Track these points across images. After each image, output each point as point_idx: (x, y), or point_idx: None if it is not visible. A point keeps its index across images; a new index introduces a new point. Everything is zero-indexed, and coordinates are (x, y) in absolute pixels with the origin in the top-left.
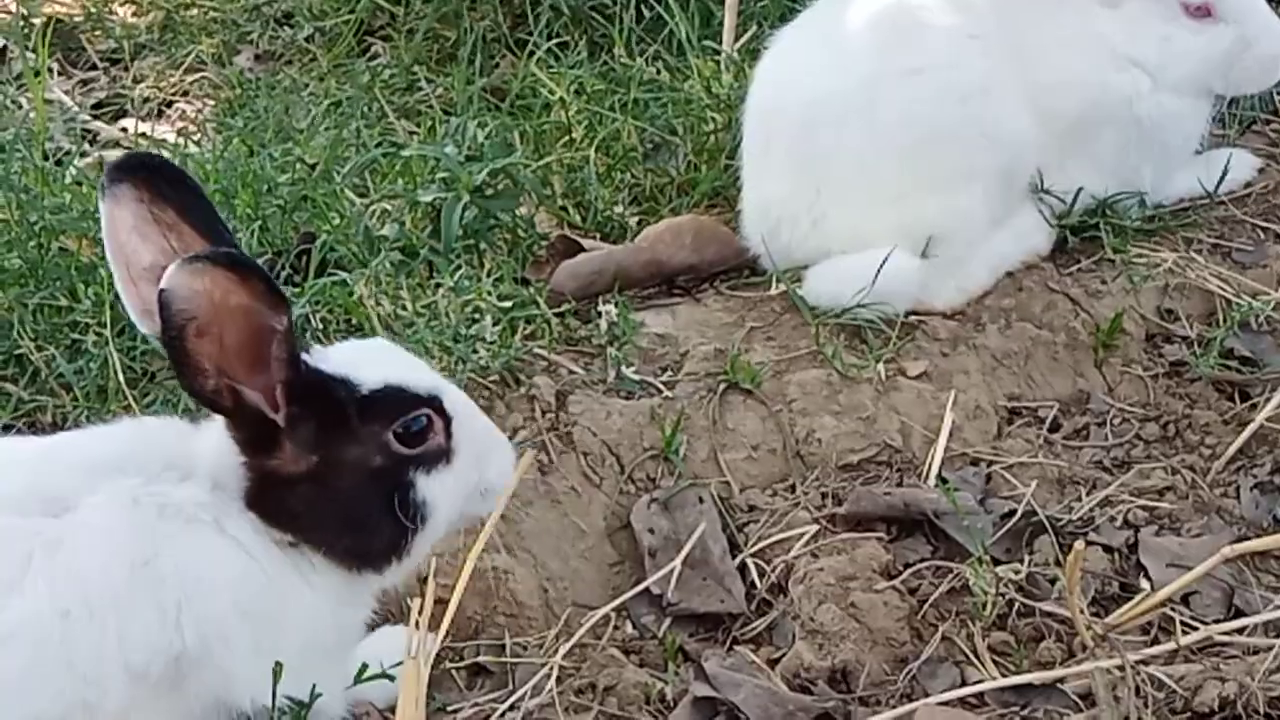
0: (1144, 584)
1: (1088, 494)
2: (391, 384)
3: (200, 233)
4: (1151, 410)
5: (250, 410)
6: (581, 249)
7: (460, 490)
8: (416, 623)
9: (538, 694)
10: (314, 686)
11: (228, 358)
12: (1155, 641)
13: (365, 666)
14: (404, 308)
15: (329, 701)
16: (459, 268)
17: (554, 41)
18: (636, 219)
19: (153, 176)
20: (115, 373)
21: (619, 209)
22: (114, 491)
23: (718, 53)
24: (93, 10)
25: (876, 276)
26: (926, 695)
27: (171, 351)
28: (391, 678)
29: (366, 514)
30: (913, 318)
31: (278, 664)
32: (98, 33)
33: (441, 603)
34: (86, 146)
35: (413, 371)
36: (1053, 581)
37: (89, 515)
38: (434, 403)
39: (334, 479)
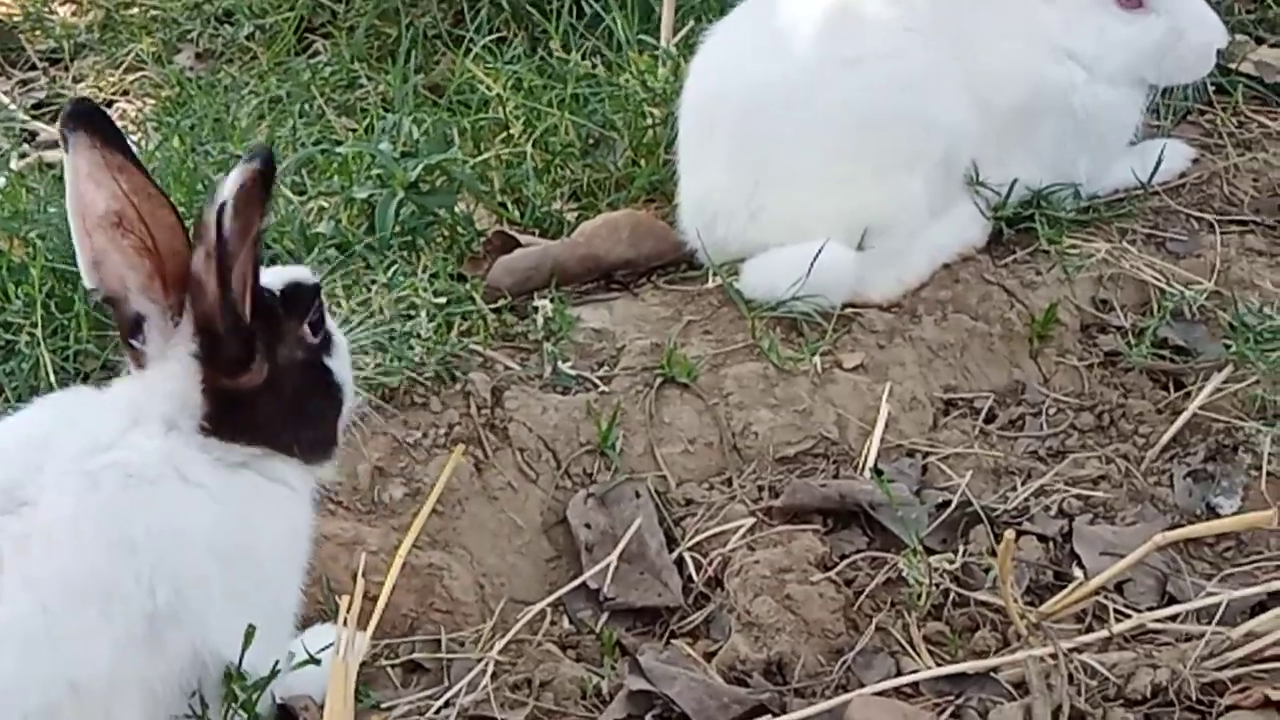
0: (1078, 573)
1: (1023, 484)
2: (290, 282)
3: (145, 175)
4: (1086, 400)
5: (235, 327)
6: (518, 244)
7: (348, 363)
8: (345, 620)
9: (473, 690)
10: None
11: (242, 269)
12: (1089, 630)
13: (292, 655)
14: (339, 304)
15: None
16: (394, 264)
17: (492, 37)
18: (575, 214)
19: (101, 122)
20: (47, 373)
21: (557, 205)
22: (68, 472)
23: (655, 48)
24: (31, 10)
25: (811, 268)
26: (862, 686)
27: (222, 258)
28: (318, 662)
29: (312, 405)
30: (849, 310)
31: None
32: (37, 32)
33: (372, 599)
34: (25, 147)
35: (292, 269)
36: (988, 571)
37: (53, 509)
38: (319, 290)
39: (283, 382)
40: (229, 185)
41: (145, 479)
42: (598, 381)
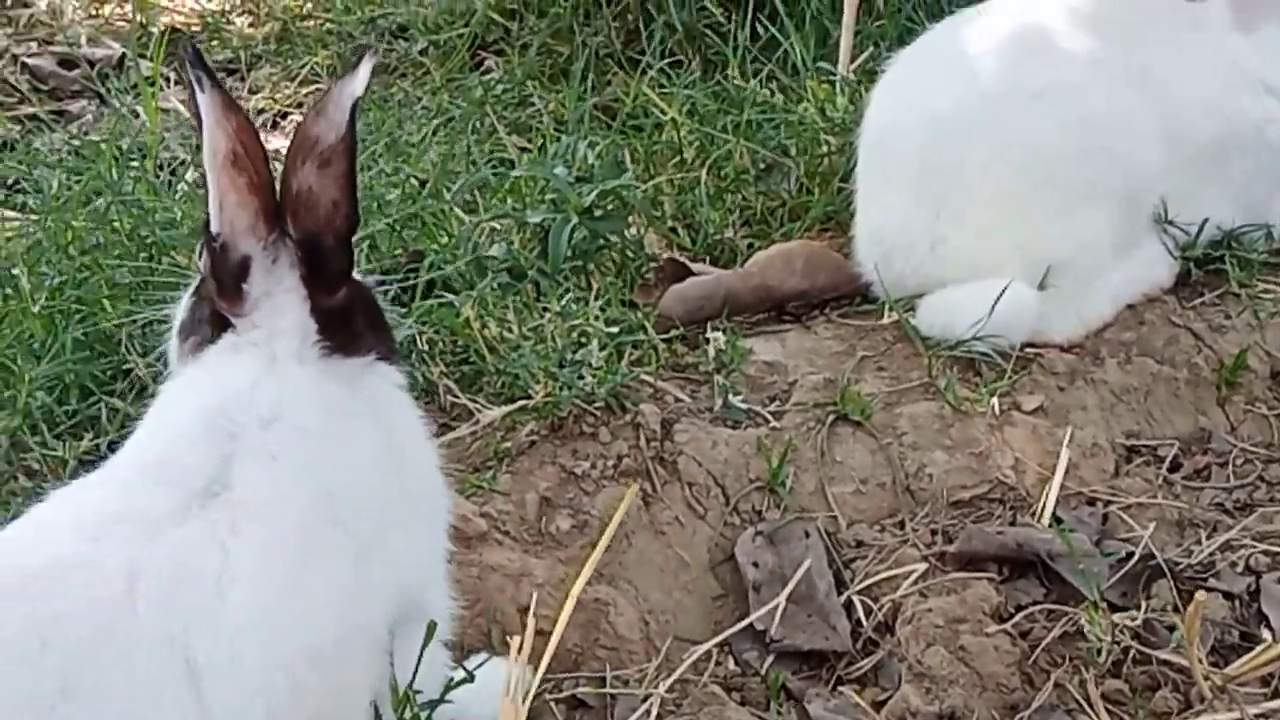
0: (1266, 634)
1: (1208, 537)
2: None
3: (244, 113)
4: (1276, 451)
5: (346, 236)
6: (690, 273)
7: None
8: (516, 658)
9: None
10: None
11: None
12: (1276, 694)
13: (452, 680)
14: (510, 330)
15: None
16: (567, 291)
17: (666, 60)
18: (747, 242)
19: (207, 66)
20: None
21: (729, 232)
22: (247, 451)
23: (833, 74)
24: (210, 20)
25: (994, 308)
26: None
27: (347, 161)
28: (473, 677)
29: (377, 308)
30: (1029, 350)
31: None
32: (215, 43)
33: (541, 634)
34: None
35: None
36: (1171, 629)
37: (249, 488)
38: None
39: (361, 295)
40: (360, 83)
41: (320, 428)
42: (769, 416)
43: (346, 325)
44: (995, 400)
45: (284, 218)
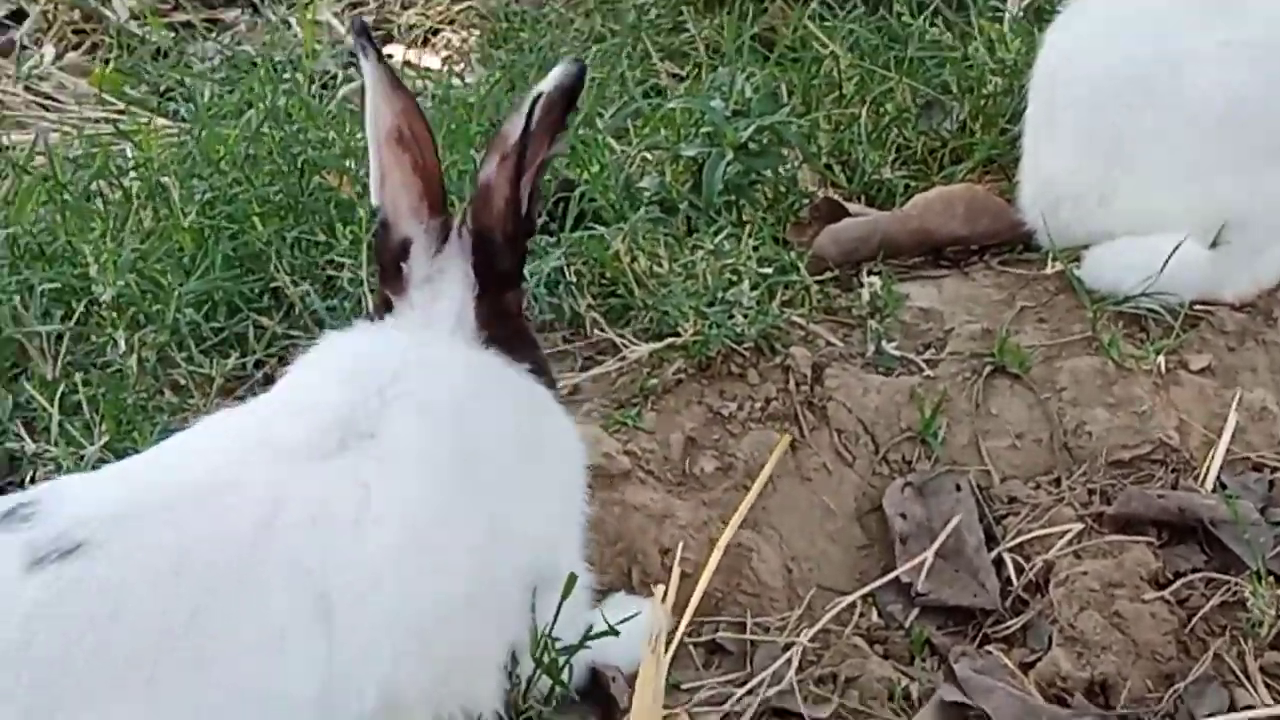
0: None
1: None
2: None
3: (410, 95)
4: None
5: (513, 239)
6: (846, 213)
7: None
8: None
9: (777, 681)
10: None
11: (527, 185)
12: None
13: (591, 627)
14: (660, 265)
15: None
16: (721, 228)
17: None
18: (905, 183)
19: (376, 43)
20: (369, 313)
21: (887, 171)
22: (399, 401)
23: (1001, 12)
24: None
25: (1165, 264)
26: (1192, 717)
27: (521, 157)
28: (617, 633)
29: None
30: (1198, 308)
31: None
32: None
33: (683, 578)
34: (352, 72)
35: None
36: None
37: (399, 439)
38: None
39: (521, 303)
40: (546, 82)
41: (465, 394)
42: (923, 365)
43: (508, 329)
44: (1161, 358)
45: (465, 208)
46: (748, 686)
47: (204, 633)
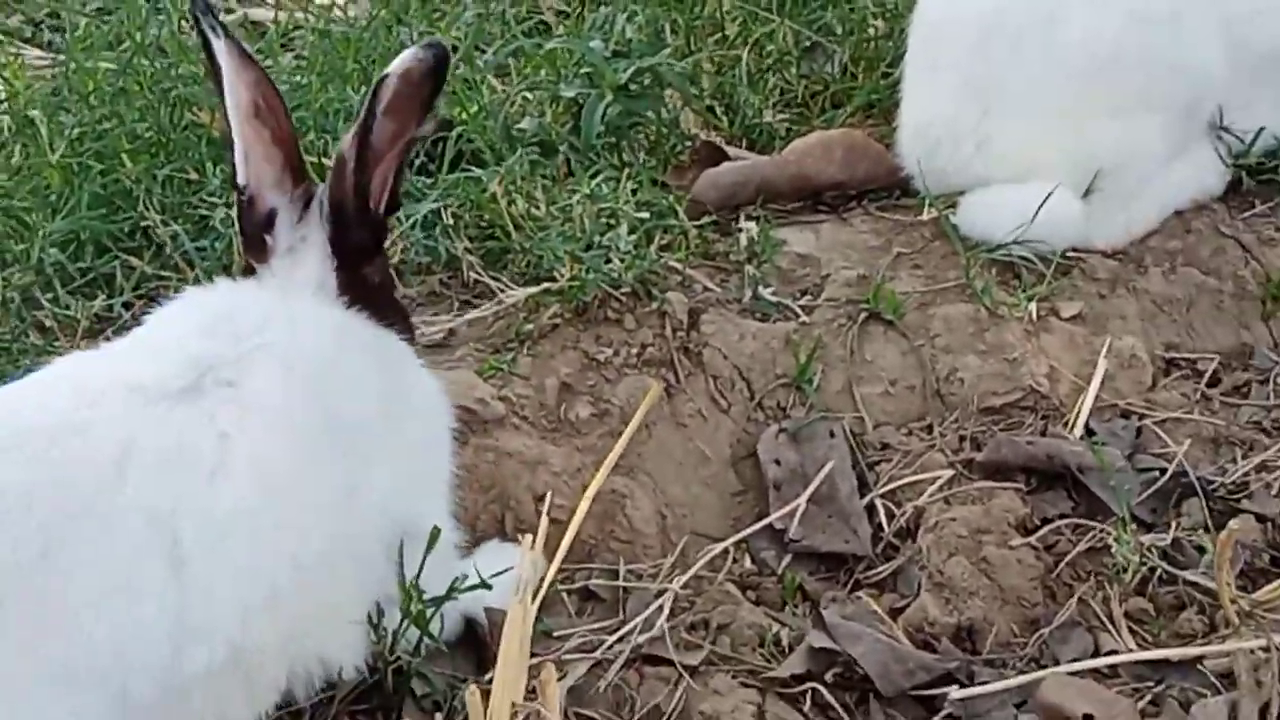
0: None
1: (1243, 456)
2: None
3: (260, 67)
4: None
5: (364, 213)
6: (726, 157)
7: None
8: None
9: (649, 628)
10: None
11: (386, 166)
12: None
13: (465, 577)
14: (538, 208)
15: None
16: (600, 171)
17: None
18: (785, 126)
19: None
20: (239, 252)
21: (768, 115)
22: (261, 353)
23: None
24: None
25: (1038, 212)
26: (1056, 661)
27: (366, 134)
28: (489, 586)
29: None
30: (1070, 255)
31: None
32: None
33: (555, 524)
34: (232, 3)
35: None
36: (1200, 549)
37: (261, 391)
38: None
39: (385, 267)
40: (396, 64)
41: (327, 351)
42: (799, 310)
43: (372, 295)
44: (1033, 306)
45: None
46: (619, 634)
47: (53, 572)
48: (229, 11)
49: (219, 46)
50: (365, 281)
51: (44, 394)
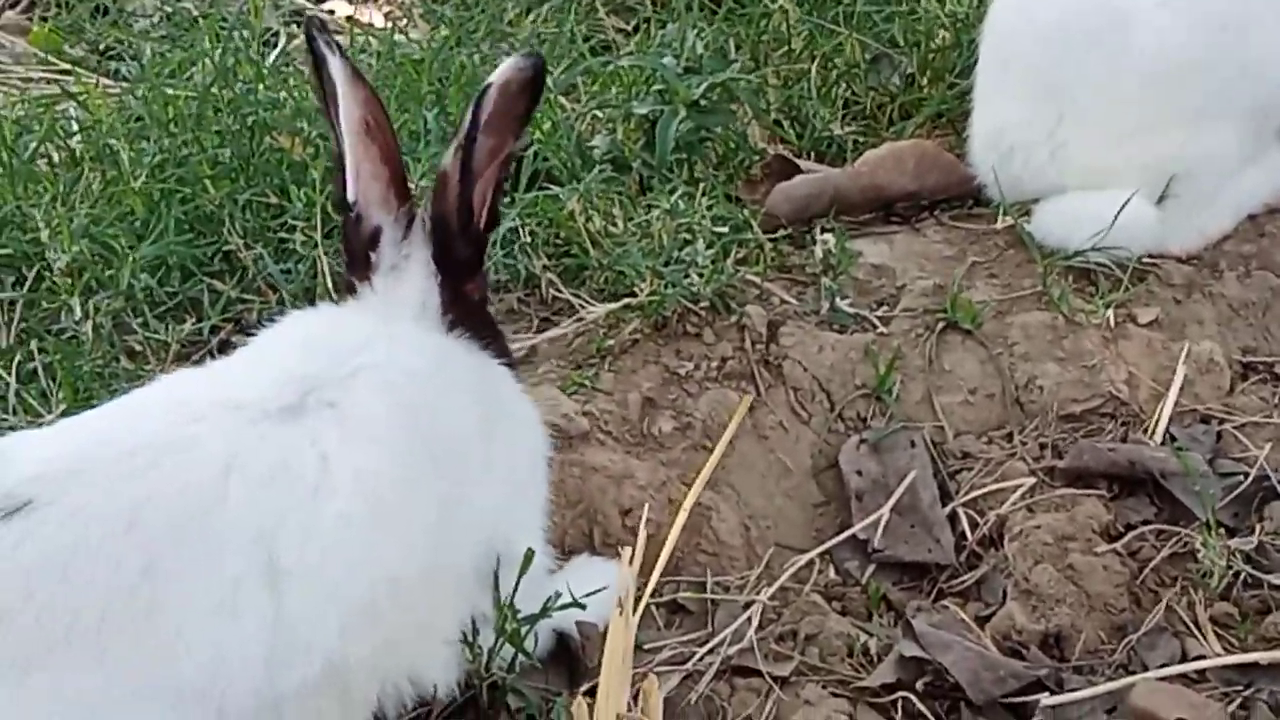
0: None
1: None
2: None
3: (369, 85)
4: None
5: (468, 230)
6: (798, 170)
7: None
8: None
9: (738, 640)
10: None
11: (486, 181)
12: None
13: (559, 595)
14: (615, 225)
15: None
16: (674, 187)
17: None
18: (854, 139)
19: (332, 34)
20: (323, 276)
21: (836, 127)
22: (365, 374)
23: None
24: None
25: (1114, 220)
26: (1145, 667)
27: (470, 148)
28: (583, 607)
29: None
30: (1145, 261)
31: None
32: None
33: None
34: (294, 28)
35: None
36: None
37: (364, 408)
38: None
39: (485, 285)
40: (497, 75)
41: (428, 374)
42: (876, 321)
43: (471, 315)
44: (1110, 312)
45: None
46: (709, 645)
47: (154, 590)
48: (290, 37)
49: (334, 64)
50: (467, 300)
51: (146, 412)
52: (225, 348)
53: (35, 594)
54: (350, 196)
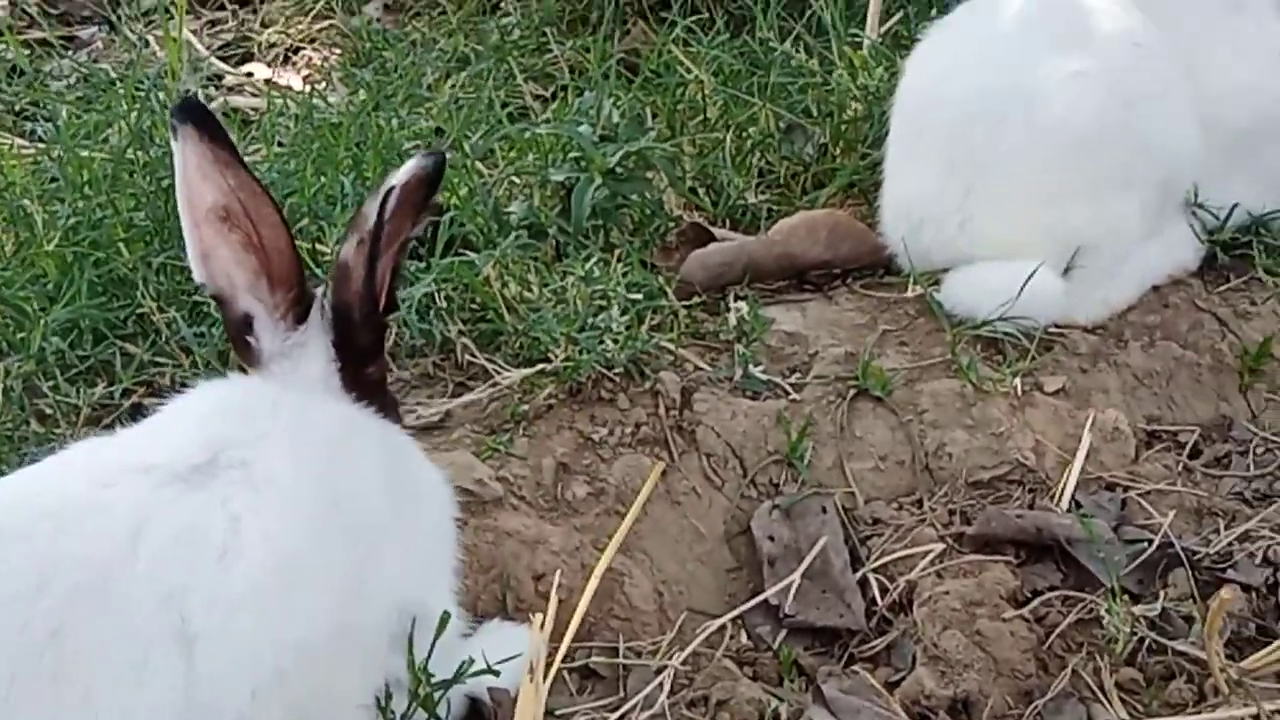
0: None
1: (1227, 527)
2: None
3: (249, 173)
4: None
5: (370, 317)
6: (713, 237)
7: None
8: (538, 639)
9: (649, 705)
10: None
11: (385, 265)
12: None
13: (472, 661)
14: (530, 290)
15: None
16: (590, 254)
17: (694, 19)
18: (768, 207)
19: (207, 118)
20: None
21: (751, 196)
22: (273, 437)
23: (859, 39)
24: None
25: (1021, 290)
26: None
27: (375, 243)
28: (497, 673)
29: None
30: (1052, 331)
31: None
32: None
33: (549, 599)
34: (212, 90)
35: None
36: (1188, 619)
37: (273, 471)
38: None
39: (383, 365)
40: (400, 174)
41: (336, 439)
42: (789, 388)
43: (372, 390)
44: (1017, 381)
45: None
46: (620, 711)
47: (63, 653)
48: (209, 99)
49: (179, 149)
50: (367, 381)
51: (58, 477)
52: (137, 411)
53: None
54: (197, 278)
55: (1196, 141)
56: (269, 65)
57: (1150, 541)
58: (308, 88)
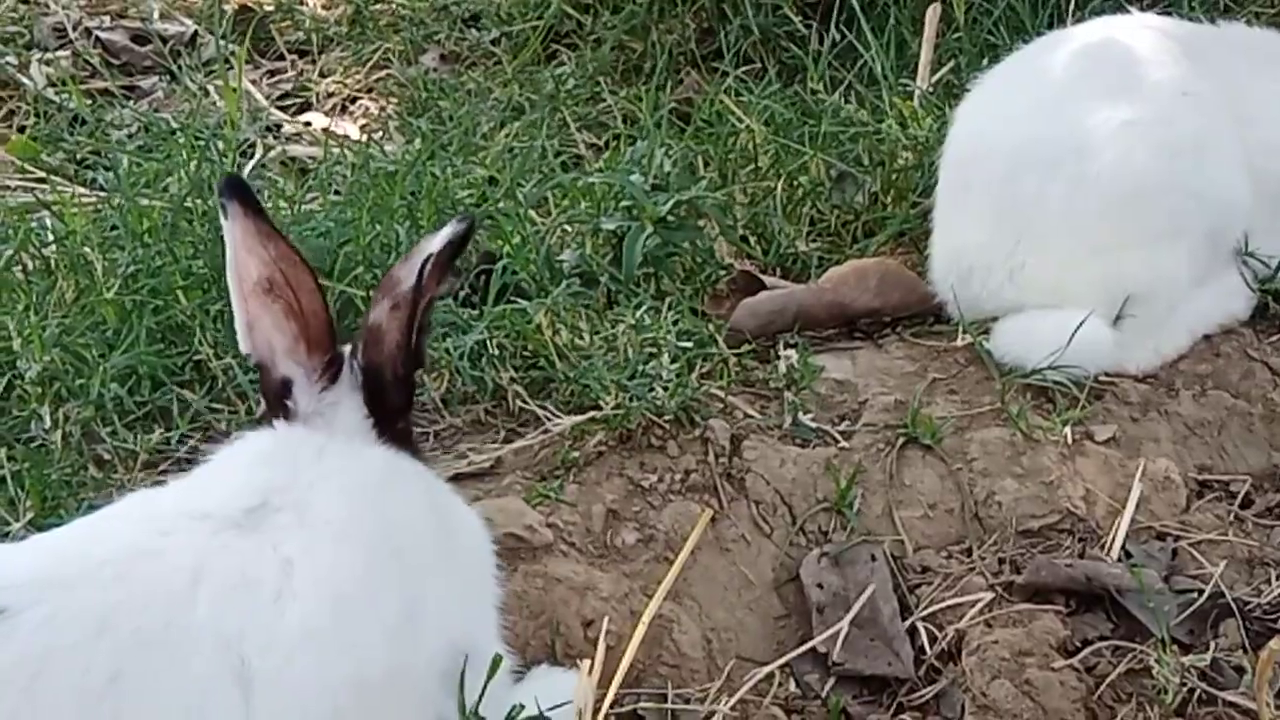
0: None
1: (1278, 577)
2: None
3: (287, 242)
4: None
5: (403, 377)
6: (763, 285)
7: None
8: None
9: None
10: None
11: (421, 314)
12: None
13: (522, 706)
14: (582, 338)
15: None
16: (641, 301)
17: (744, 69)
18: (818, 255)
19: (248, 192)
20: None
21: (801, 244)
22: (325, 481)
23: (910, 88)
24: (283, 1)
25: (1071, 339)
26: None
27: (414, 310)
28: (547, 719)
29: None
30: (1103, 380)
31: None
32: (287, 23)
33: (607, 650)
34: (270, 139)
35: None
36: (1239, 670)
37: (325, 514)
38: None
39: (410, 428)
40: (436, 240)
41: (381, 482)
42: (838, 436)
43: (401, 440)
44: (1068, 429)
45: (355, 345)
46: None
47: (123, 698)
48: (269, 148)
49: (228, 226)
50: (396, 436)
51: (116, 525)
52: (194, 457)
53: (4, 699)
54: (243, 348)
55: (1245, 191)
56: (327, 114)
57: (1201, 591)
58: (364, 137)
